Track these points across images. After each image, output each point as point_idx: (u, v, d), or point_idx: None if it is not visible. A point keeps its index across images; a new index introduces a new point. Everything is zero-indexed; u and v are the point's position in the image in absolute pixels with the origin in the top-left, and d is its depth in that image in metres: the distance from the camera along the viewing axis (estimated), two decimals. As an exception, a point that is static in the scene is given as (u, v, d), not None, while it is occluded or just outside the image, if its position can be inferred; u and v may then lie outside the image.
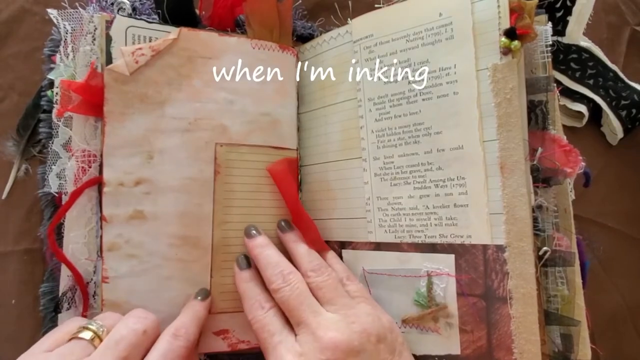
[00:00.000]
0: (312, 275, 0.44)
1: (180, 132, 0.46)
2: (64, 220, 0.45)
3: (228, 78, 0.48)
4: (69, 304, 0.45)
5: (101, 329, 0.38)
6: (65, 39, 0.47)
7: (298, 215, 0.49)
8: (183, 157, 0.46)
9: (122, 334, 0.37)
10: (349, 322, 0.40)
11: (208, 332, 0.46)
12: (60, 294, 0.45)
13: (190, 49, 0.47)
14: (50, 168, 0.47)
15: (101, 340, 0.37)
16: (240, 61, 0.49)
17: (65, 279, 0.45)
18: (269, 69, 0.50)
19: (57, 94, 0.46)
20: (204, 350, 0.47)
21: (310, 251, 0.47)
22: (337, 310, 0.41)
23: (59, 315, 0.45)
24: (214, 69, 0.48)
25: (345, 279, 0.46)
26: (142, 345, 0.38)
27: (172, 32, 0.47)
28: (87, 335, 0.37)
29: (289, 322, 0.42)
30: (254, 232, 0.47)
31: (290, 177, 0.50)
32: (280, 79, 0.51)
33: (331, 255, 0.49)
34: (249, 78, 0.49)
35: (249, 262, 0.47)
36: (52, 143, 0.46)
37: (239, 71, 0.49)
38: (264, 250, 0.46)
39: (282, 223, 0.49)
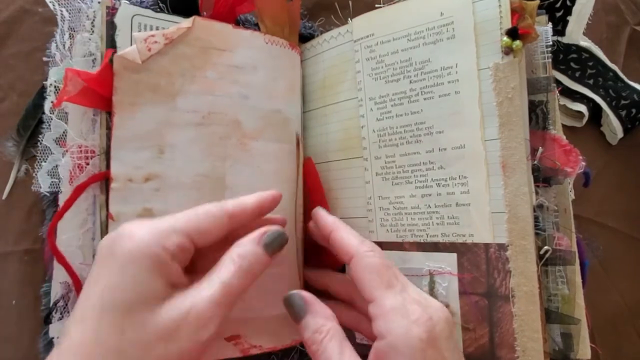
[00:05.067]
0: None
1: (193, 126, 0.44)
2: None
3: (242, 72, 0.47)
4: (61, 313, 0.43)
5: None
6: (62, 26, 0.45)
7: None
8: (196, 152, 0.44)
9: None
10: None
11: (219, 338, 0.44)
12: (52, 304, 0.43)
13: (204, 39, 0.45)
14: (40, 165, 0.44)
15: None
16: (254, 56, 0.48)
17: (57, 287, 0.43)
18: (280, 66, 0.50)
19: (51, 84, 0.45)
20: (214, 357, 0.44)
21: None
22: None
23: (50, 326, 0.43)
24: (228, 61, 0.46)
25: None
26: None
27: (187, 21, 0.45)
28: None
29: None
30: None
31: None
32: (290, 76, 0.51)
33: None
34: (262, 73, 0.48)
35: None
36: (43, 137, 0.44)
37: (253, 66, 0.48)
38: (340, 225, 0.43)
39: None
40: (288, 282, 0.48)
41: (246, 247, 0.37)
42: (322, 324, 0.37)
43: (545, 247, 0.41)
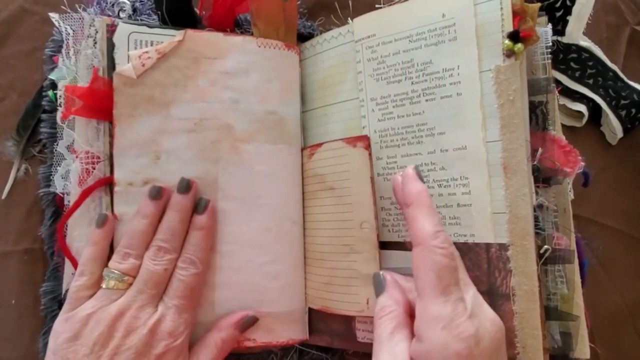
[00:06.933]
0: None
1: (186, 133, 0.46)
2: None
3: (233, 77, 0.48)
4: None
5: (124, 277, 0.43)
6: (67, 42, 0.47)
7: None
8: (189, 157, 0.46)
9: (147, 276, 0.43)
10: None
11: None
12: (63, 292, 0.45)
13: (195, 50, 0.47)
14: (56, 169, 0.47)
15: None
16: (246, 60, 0.49)
17: (68, 277, 0.45)
18: (274, 67, 0.50)
19: (60, 96, 0.47)
20: None
21: None
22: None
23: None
24: (219, 68, 0.48)
25: None
26: (165, 281, 0.43)
27: (178, 34, 0.47)
28: (111, 284, 0.42)
29: None
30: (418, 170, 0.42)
31: None
32: (286, 77, 0.51)
33: None
34: (254, 77, 0.49)
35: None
36: (57, 145, 0.47)
37: (245, 70, 0.49)
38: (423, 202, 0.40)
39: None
40: (286, 281, 0.49)
41: (227, 332, 0.45)
42: (388, 304, 0.40)
43: (545, 247, 0.41)
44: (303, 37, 0.55)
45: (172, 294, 0.43)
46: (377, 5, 0.48)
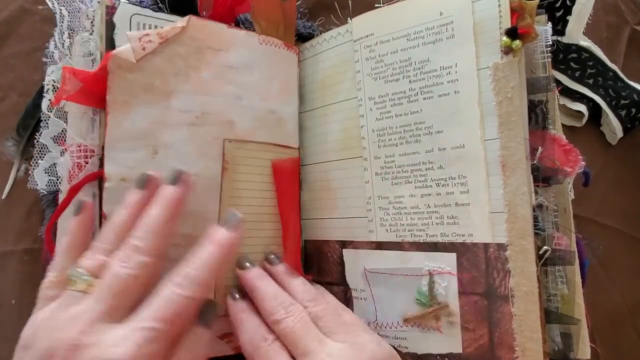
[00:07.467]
0: (310, 305, 0.42)
1: (186, 126, 0.44)
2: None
3: (237, 72, 0.47)
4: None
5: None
6: (61, 25, 0.45)
7: (289, 225, 0.49)
8: (189, 152, 0.44)
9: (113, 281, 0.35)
10: (357, 349, 0.39)
11: (212, 337, 0.45)
12: None
13: (199, 39, 0.45)
14: (37, 163, 0.44)
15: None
16: (248, 55, 0.48)
17: None
18: (275, 66, 0.50)
19: (49, 83, 0.45)
20: (207, 355, 0.45)
21: (304, 281, 0.45)
22: (342, 339, 0.40)
23: None
24: (223, 61, 0.47)
25: (340, 309, 0.45)
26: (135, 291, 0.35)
27: (181, 20, 0.45)
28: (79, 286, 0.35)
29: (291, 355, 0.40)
30: (248, 263, 0.45)
31: (294, 177, 0.51)
32: (285, 76, 0.51)
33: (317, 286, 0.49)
34: (256, 73, 0.49)
35: (243, 292, 0.45)
36: (40, 135, 0.44)
37: (248, 66, 0.48)
38: (261, 281, 0.44)
39: (272, 257, 0.47)
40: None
41: (189, 339, 0.37)
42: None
43: (545, 247, 0.41)
44: (303, 37, 0.55)
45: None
46: (376, 5, 0.48)
